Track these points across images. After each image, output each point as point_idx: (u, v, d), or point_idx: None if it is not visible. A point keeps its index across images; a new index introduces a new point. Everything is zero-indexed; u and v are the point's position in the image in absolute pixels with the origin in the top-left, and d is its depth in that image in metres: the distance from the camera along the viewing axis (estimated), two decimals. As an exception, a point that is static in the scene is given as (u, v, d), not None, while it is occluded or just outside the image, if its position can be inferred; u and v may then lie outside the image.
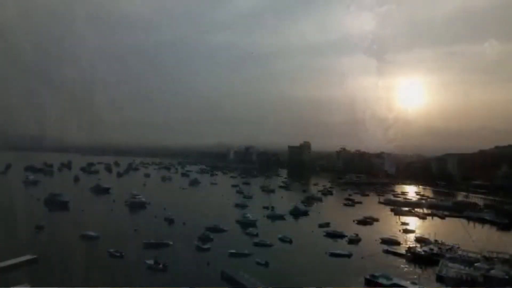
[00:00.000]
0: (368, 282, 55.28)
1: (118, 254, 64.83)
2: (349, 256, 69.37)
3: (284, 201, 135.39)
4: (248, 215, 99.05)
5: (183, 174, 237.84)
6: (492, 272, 57.29)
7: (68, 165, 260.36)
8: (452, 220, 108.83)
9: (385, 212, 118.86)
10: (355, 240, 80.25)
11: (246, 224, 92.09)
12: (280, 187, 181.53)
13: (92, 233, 76.42)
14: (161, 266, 59.28)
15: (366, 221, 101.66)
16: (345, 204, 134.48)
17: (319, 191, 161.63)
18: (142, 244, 71.41)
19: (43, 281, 50.22)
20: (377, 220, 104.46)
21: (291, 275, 58.12)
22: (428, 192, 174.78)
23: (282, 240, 78.73)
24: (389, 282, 54.10)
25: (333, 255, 69.40)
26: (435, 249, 71.51)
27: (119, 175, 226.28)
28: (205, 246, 71.64)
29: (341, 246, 75.36)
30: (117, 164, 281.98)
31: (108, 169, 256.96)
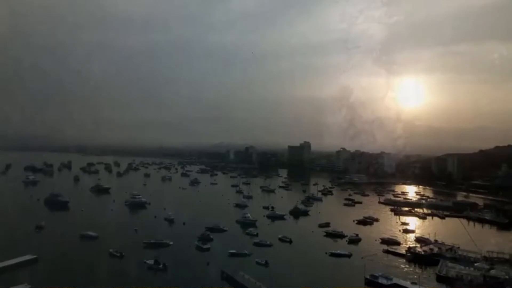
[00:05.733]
0: (368, 282, 55.24)
1: (118, 254, 64.83)
2: (349, 256, 69.38)
3: (284, 201, 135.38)
4: (248, 215, 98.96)
5: (183, 174, 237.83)
6: (492, 272, 57.28)
7: (68, 165, 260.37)
8: (452, 220, 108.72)
9: (385, 212, 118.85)
10: (355, 240, 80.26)
11: (246, 224, 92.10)
12: (280, 187, 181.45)
13: (92, 233, 76.46)
14: (161, 266, 59.28)
15: (366, 221, 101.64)
16: (345, 204, 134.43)
17: (319, 191, 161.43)
18: (142, 244, 71.49)
19: (43, 281, 50.27)
20: (377, 220, 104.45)
21: (291, 275, 58.10)
22: (428, 192, 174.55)
23: (282, 240, 78.77)
24: (389, 282, 54.10)
25: (333, 255, 69.48)
26: (435, 249, 71.52)
27: (119, 175, 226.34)
28: (205, 246, 71.66)
29: (341, 246, 75.36)
30: (117, 164, 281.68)
31: (108, 169, 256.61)
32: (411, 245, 74.91)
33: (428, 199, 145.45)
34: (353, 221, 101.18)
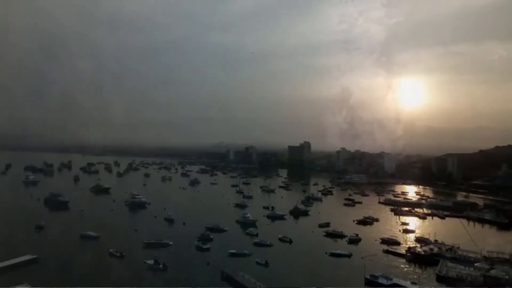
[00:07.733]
0: (368, 282, 55.24)
1: (118, 254, 64.84)
2: (349, 256, 69.38)
3: (284, 201, 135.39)
4: (248, 215, 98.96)
5: (183, 174, 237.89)
6: (492, 272, 57.26)
7: (68, 165, 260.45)
8: (452, 220, 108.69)
9: (385, 212, 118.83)
10: (355, 240, 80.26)
11: (246, 224, 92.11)
12: (280, 187, 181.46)
13: (92, 233, 76.44)
14: (161, 266, 59.29)
15: (366, 221, 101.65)
16: (345, 204, 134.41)
17: (319, 191, 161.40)
18: (142, 244, 71.49)
19: (43, 281, 50.24)
20: (377, 220, 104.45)
21: (291, 275, 58.08)
22: (428, 192, 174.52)
23: (282, 240, 78.77)
24: (389, 282, 54.09)
25: (333, 255, 69.47)
26: (435, 249, 71.51)
27: (119, 175, 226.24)
28: (205, 246, 71.66)
29: (341, 246, 75.35)
30: (117, 164, 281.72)
31: (108, 169, 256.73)
32: (411, 245, 74.92)
33: (428, 199, 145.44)
34: (353, 221, 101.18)
